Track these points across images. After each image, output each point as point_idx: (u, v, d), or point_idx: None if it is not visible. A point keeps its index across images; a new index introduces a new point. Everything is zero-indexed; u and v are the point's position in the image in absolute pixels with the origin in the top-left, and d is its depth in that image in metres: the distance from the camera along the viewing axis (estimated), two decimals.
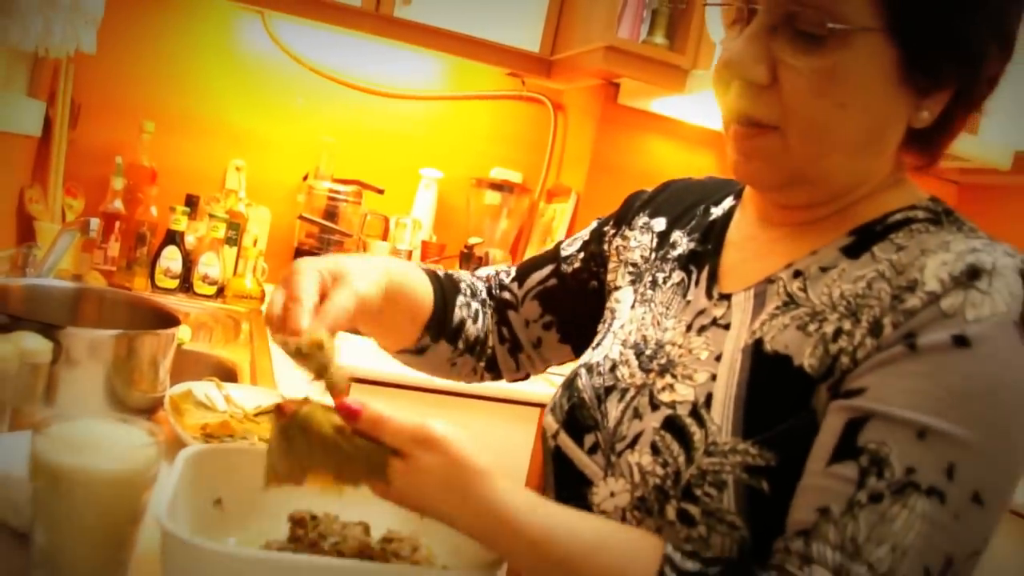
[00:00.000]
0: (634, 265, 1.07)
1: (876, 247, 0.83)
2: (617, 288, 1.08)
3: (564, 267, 1.15)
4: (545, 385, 2.23)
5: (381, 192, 2.72)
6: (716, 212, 1.03)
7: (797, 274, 0.86)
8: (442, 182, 2.83)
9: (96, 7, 1.93)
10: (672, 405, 0.86)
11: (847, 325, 0.79)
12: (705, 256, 0.98)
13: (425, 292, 1.07)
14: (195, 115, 2.66)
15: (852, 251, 0.84)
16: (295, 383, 1.69)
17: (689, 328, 0.92)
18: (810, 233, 0.89)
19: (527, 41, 2.62)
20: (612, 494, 0.87)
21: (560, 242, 1.19)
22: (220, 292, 2.43)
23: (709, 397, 0.84)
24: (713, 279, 0.94)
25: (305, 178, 2.70)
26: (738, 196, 1.03)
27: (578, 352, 1.15)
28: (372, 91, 2.80)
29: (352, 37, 2.63)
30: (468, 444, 0.75)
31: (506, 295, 1.18)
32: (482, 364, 1.18)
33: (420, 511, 0.76)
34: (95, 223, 1.61)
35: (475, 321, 1.14)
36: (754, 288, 0.89)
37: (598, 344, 1.03)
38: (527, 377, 1.23)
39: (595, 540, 0.74)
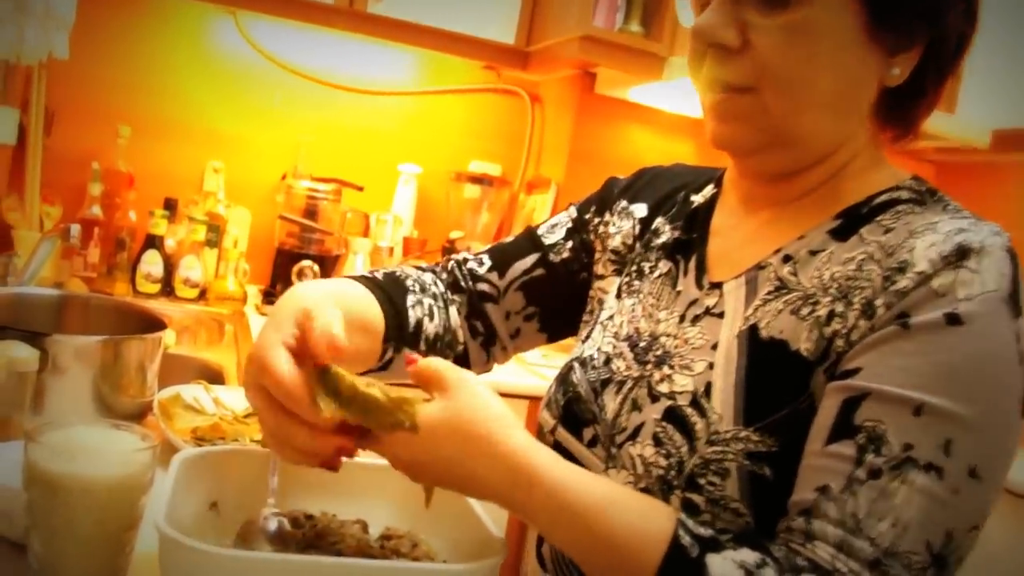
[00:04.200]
0: (615, 252, 1.07)
1: (864, 229, 0.84)
2: (600, 277, 1.08)
3: (551, 256, 1.11)
4: (533, 377, 2.24)
5: (360, 189, 2.70)
6: (697, 200, 1.03)
7: (787, 259, 0.87)
8: (421, 177, 2.83)
9: (67, 12, 1.91)
10: (672, 396, 0.86)
11: (840, 307, 0.80)
12: (691, 245, 0.98)
13: (369, 302, 0.99)
14: (171, 118, 2.64)
15: (840, 233, 0.85)
16: None
17: (683, 319, 0.92)
18: (796, 217, 0.90)
19: (502, 33, 2.62)
20: None
21: (533, 228, 1.15)
22: (202, 295, 2.42)
23: (708, 386, 0.84)
24: (702, 268, 0.95)
25: (284, 177, 2.69)
26: (718, 184, 1.03)
27: (552, 340, 1.15)
28: (348, 88, 2.79)
29: (326, 35, 2.62)
30: (487, 389, 0.76)
31: (483, 287, 1.12)
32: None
33: (442, 464, 0.75)
34: (75, 229, 1.61)
35: (432, 318, 1.06)
36: (745, 275, 0.89)
37: (587, 337, 1.03)
38: (491, 369, 1.18)
39: (612, 497, 0.74)
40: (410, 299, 1.04)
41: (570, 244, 1.12)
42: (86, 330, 1.32)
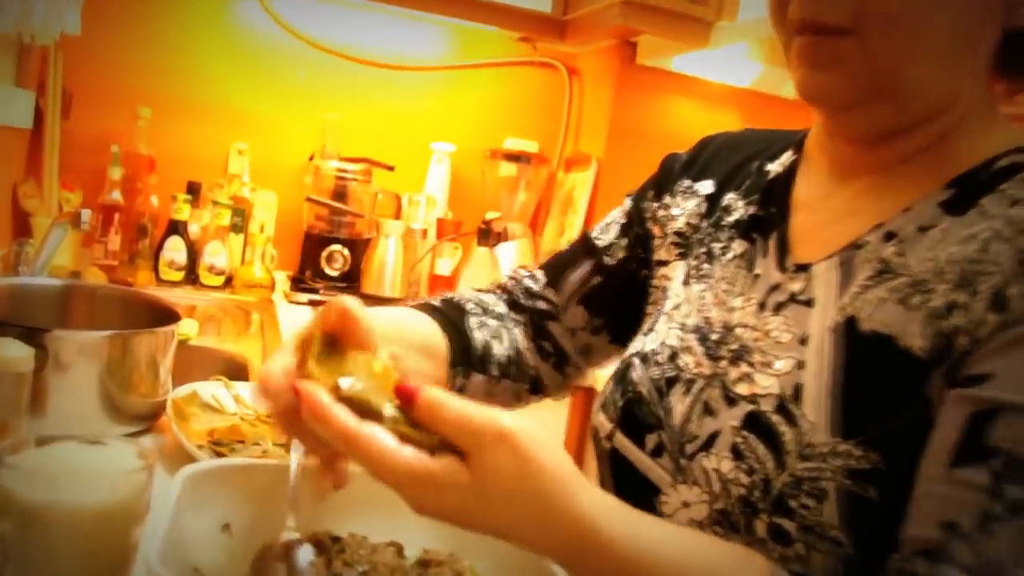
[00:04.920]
0: (679, 235, 0.94)
1: (984, 200, 0.70)
2: (663, 263, 0.95)
3: (606, 260, 1.00)
4: None
5: (391, 169, 2.60)
6: (774, 169, 0.89)
7: (889, 236, 0.74)
8: (455, 155, 2.71)
9: None
10: (753, 399, 0.74)
11: (961, 297, 0.66)
12: (770, 221, 0.85)
13: (430, 327, 0.90)
14: (192, 98, 2.53)
15: (954, 206, 0.71)
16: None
17: (762, 307, 0.79)
18: (897, 185, 0.76)
19: (537, 1, 2.50)
20: (685, 504, 0.75)
21: (587, 232, 1.05)
22: (228, 282, 2.33)
23: (798, 389, 0.71)
24: (784, 248, 0.82)
25: (311, 158, 2.59)
26: (798, 149, 0.90)
27: (626, 346, 1.03)
28: (378, 64, 2.67)
29: (354, 8, 2.52)
30: (544, 441, 0.59)
31: (541, 304, 1.02)
32: (526, 387, 1.02)
33: (482, 526, 0.59)
34: (86, 214, 1.51)
35: (500, 340, 0.98)
36: (838, 256, 0.76)
37: (650, 329, 0.90)
38: (569, 389, 1.07)
39: (692, 560, 0.61)
40: (472, 321, 0.96)
41: (624, 242, 1.00)
42: (93, 324, 1.23)
